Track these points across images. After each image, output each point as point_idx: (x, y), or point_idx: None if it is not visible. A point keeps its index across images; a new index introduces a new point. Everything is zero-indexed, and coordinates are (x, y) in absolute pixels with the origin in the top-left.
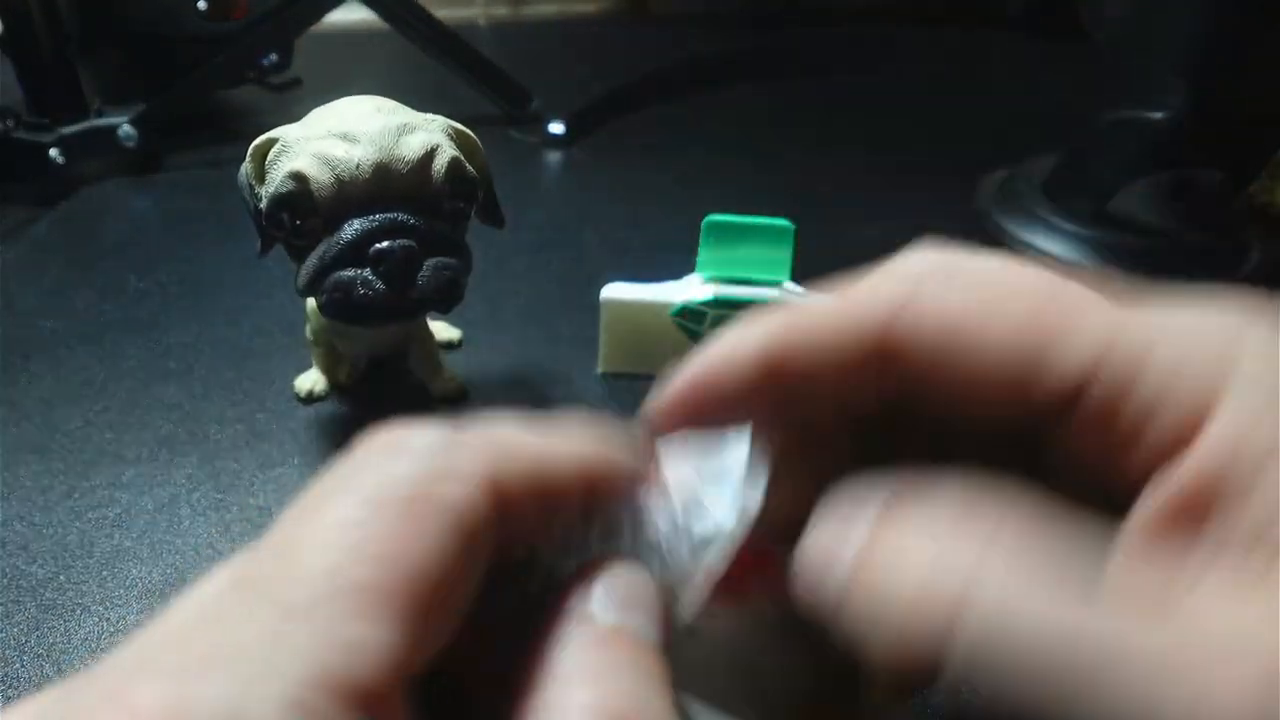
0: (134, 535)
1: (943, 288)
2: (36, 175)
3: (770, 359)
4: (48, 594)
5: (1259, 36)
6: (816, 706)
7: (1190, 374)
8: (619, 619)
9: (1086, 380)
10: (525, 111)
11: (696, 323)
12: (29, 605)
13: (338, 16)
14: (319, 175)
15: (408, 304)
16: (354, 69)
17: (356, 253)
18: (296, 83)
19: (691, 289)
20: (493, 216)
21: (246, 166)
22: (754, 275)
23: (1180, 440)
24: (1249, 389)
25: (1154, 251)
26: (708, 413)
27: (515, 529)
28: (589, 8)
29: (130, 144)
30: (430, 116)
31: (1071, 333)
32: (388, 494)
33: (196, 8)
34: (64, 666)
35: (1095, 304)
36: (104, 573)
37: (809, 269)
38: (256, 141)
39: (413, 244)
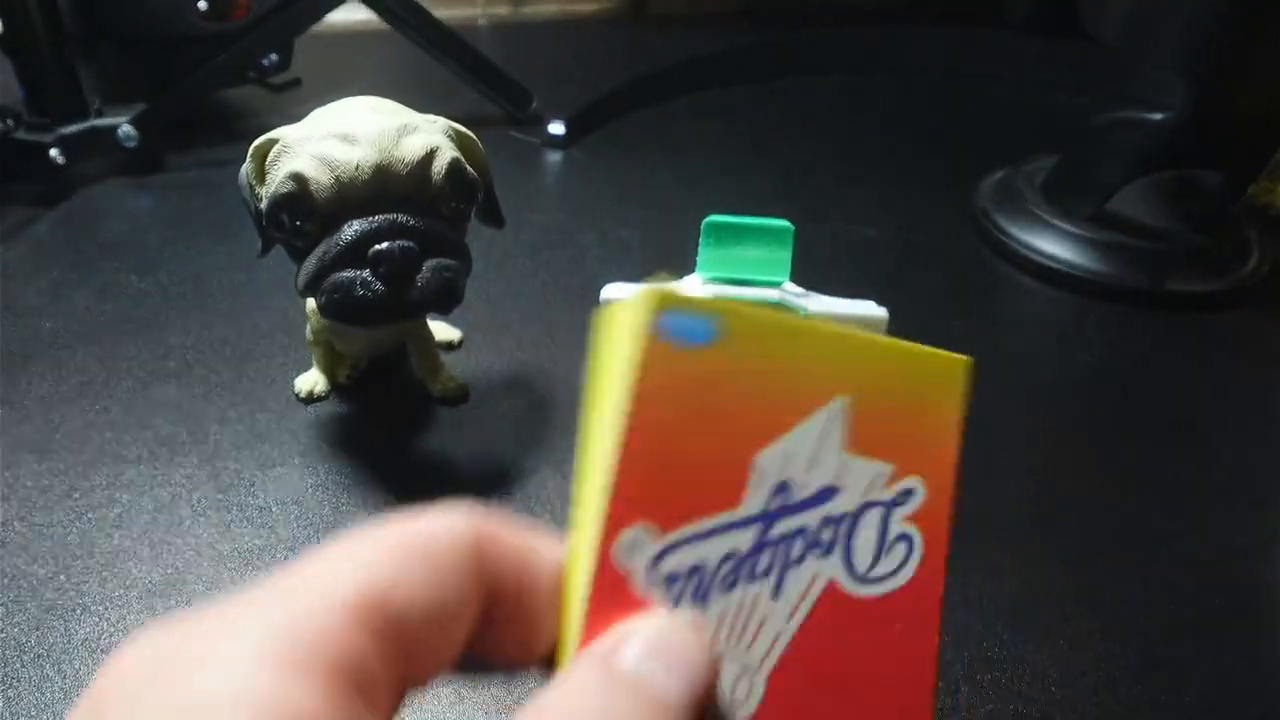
0: (134, 535)
1: None
2: (36, 175)
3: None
4: (48, 594)
5: (1259, 37)
6: None
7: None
8: (639, 667)
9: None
10: (526, 112)
11: None
12: (29, 605)
13: (338, 16)
14: (319, 176)
15: (407, 305)
16: (354, 69)
17: (356, 253)
18: (296, 83)
19: (691, 289)
20: (493, 217)
21: (246, 167)
22: (754, 276)
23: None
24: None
25: (1153, 252)
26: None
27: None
28: (589, 8)
29: (130, 144)
30: (430, 117)
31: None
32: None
33: (196, 8)
34: (64, 666)
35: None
36: (104, 573)
37: (809, 269)
38: (256, 142)
39: (412, 245)
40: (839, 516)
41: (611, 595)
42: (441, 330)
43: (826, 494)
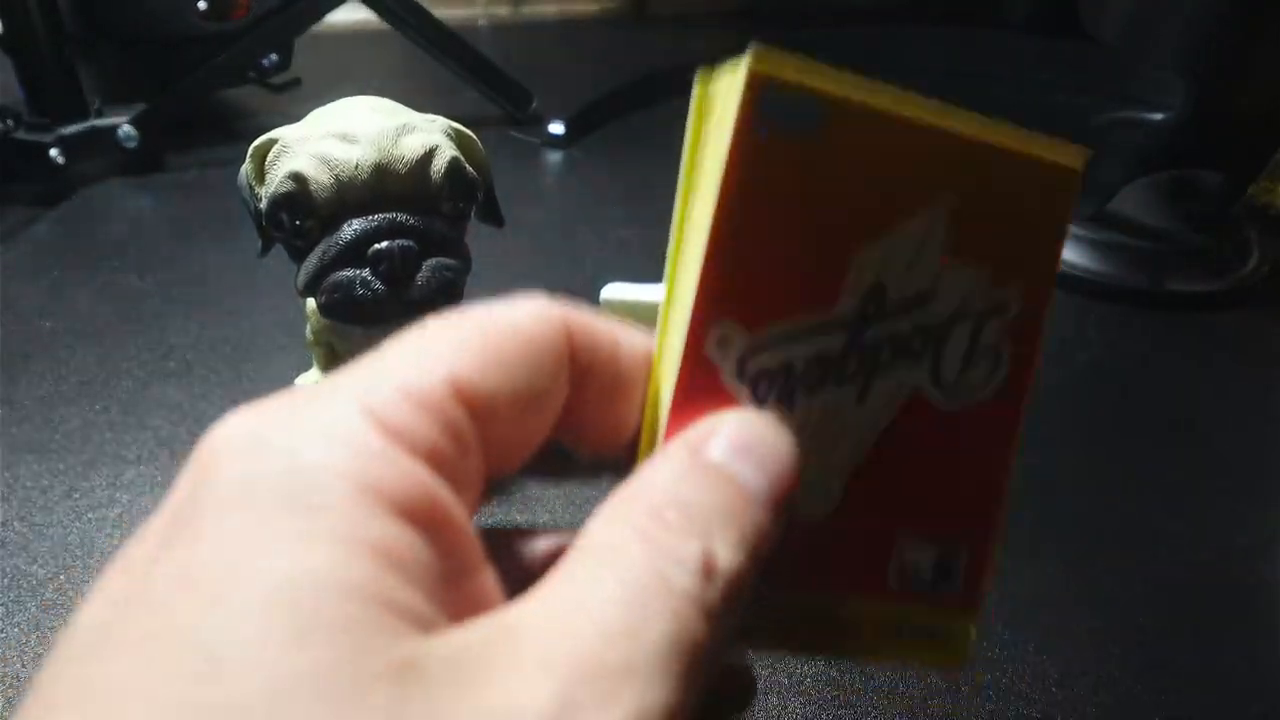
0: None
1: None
2: (36, 175)
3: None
4: (48, 594)
5: (1259, 37)
6: None
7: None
8: (726, 460)
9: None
10: (525, 112)
11: None
12: (29, 605)
13: (338, 16)
14: (318, 176)
15: (407, 304)
16: (354, 69)
17: (356, 253)
18: (296, 83)
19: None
20: (493, 216)
21: (246, 167)
22: None
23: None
24: None
25: (1153, 252)
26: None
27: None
28: (589, 8)
29: (130, 144)
30: (430, 117)
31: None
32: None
33: (196, 8)
34: None
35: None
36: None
37: None
38: (256, 142)
39: (412, 244)
40: (931, 324)
41: (700, 387)
42: None
43: (921, 299)
